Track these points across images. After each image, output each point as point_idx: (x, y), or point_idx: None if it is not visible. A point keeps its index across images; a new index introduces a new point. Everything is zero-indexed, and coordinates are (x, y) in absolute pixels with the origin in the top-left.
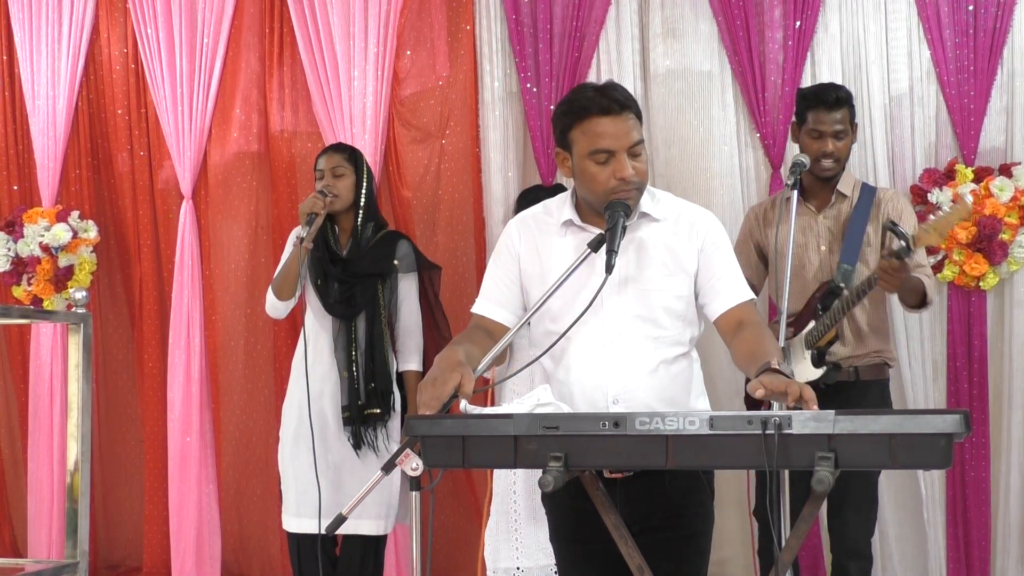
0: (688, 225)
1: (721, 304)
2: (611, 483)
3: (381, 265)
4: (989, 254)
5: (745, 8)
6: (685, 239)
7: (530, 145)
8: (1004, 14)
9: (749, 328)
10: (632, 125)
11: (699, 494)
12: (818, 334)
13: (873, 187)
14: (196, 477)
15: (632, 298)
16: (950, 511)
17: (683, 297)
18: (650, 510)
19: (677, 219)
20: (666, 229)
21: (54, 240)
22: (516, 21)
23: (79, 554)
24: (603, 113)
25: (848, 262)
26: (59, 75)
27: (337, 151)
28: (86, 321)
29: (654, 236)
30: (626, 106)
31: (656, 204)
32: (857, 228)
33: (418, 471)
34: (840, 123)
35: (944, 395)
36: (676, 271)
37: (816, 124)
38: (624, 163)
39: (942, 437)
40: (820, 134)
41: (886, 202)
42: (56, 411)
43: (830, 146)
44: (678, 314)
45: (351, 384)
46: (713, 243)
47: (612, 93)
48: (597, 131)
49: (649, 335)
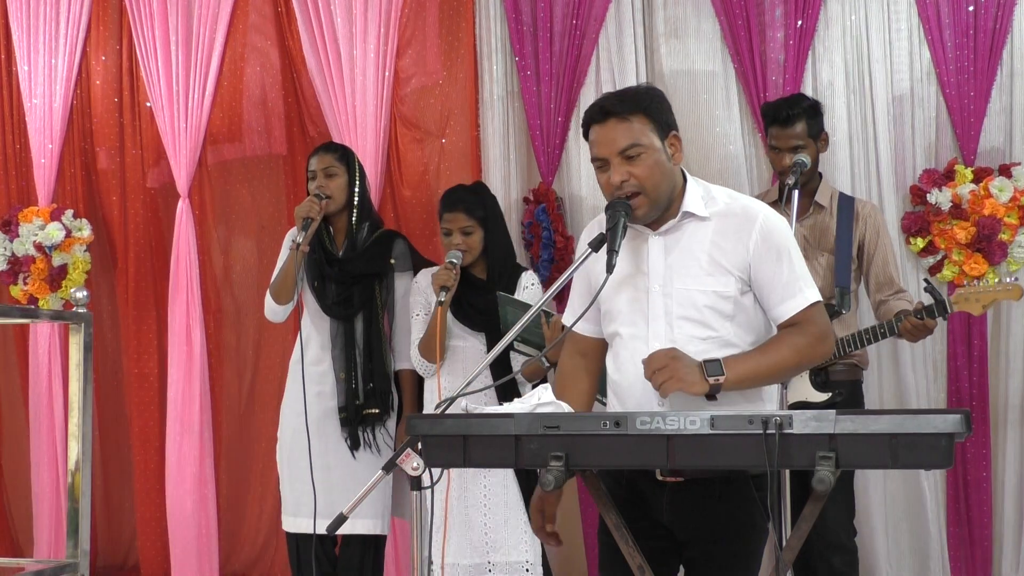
0: (740, 222)
1: (780, 313)
2: (661, 486)
3: (377, 265)
4: (988, 254)
5: (747, 8)
6: (734, 238)
7: (530, 144)
8: (1004, 15)
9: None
10: (621, 130)
11: (751, 508)
12: None
13: (851, 197)
14: (194, 477)
15: (675, 299)
16: (951, 511)
17: (729, 298)
18: (698, 520)
19: (727, 216)
20: (713, 227)
21: (47, 239)
22: (516, 20)
23: (80, 554)
24: (593, 122)
25: (842, 283)
26: (56, 74)
27: (328, 151)
28: (87, 321)
29: (699, 234)
30: (611, 112)
31: (705, 202)
32: (844, 245)
33: (419, 471)
34: (798, 138)
35: (945, 395)
36: (718, 271)
37: (774, 140)
38: (614, 169)
39: (943, 437)
40: (778, 150)
41: (865, 217)
42: (56, 411)
43: (787, 160)
44: (727, 315)
45: (348, 385)
46: (768, 247)
47: (602, 101)
48: (591, 140)
49: (696, 336)
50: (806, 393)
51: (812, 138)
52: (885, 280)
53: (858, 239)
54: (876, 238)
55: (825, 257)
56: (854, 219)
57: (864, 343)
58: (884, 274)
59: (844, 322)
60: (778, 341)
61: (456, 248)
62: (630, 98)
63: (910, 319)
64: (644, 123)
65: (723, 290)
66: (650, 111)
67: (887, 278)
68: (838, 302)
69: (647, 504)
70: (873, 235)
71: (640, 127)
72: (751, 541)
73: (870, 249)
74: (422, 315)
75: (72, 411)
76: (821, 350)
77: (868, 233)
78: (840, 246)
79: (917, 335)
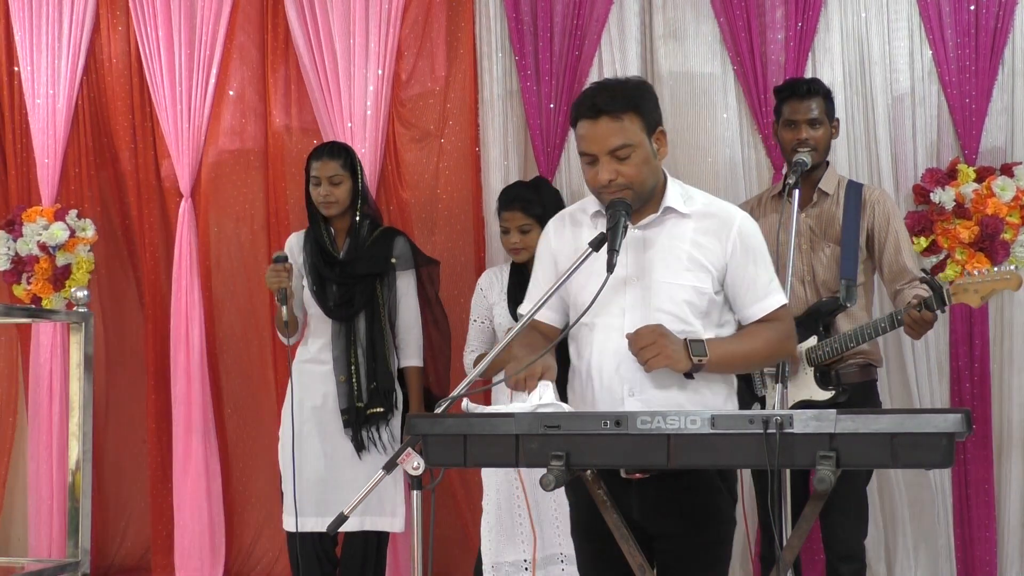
0: (719, 223)
1: (752, 312)
2: (627, 484)
3: (378, 264)
4: (991, 253)
5: (747, 9)
6: (714, 237)
7: (530, 144)
8: (1005, 14)
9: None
10: (613, 129)
11: (717, 498)
12: (824, 355)
13: (859, 184)
14: (199, 476)
15: (654, 291)
16: (955, 511)
17: (705, 294)
18: (666, 514)
19: (706, 216)
20: (693, 225)
21: (51, 239)
22: (516, 20)
23: (80, 553)
24: (585, 117)
25: (847, 275)
26: (59, 73)
27: (332, 157)
28: (87, 320)
29: (678, 230)
30: (604, 111)
31: (685, 200)
32: (851, 236)
33: (419, 470)
34: (815, 111)
35: (948, 394)
36: (697, 267)
37: (790, 114)
38: (602, 167)
39: (943, 436)
40: (794, 123)
41: (873, 204)
42: (56, 410)
43: (804, 133)
44: (701, 311)
45: (349, 388)
46: (744, 249)
47: (595, 97)
48: (580, 134)
49: (672, 329)
50: (810, 391)
51: (827, 116)
52: (898, 269)
53: (866, 228)
54: (886, 225)
55: (831, 248)
56: (862, 207)
57: (866, 338)
58: (897, 263)
59: (851, 316)
60: (752, 332)
61: (513, 247)
62: (622, 95)
63: (911, 312)
64: (634, 121)
65: (701, 286)
66: (641, 109)
67: (900, 267)
68: (843, 295)
69: (616, 503)
70: (883, 222)
71: (630, 126)
72: (720, 531)
73: (880, 237)
74: (478, 322)
75: (73, 410)
76: (787, 347)
77: (877, 220)
78: (847, 236)
79: (918, 329)
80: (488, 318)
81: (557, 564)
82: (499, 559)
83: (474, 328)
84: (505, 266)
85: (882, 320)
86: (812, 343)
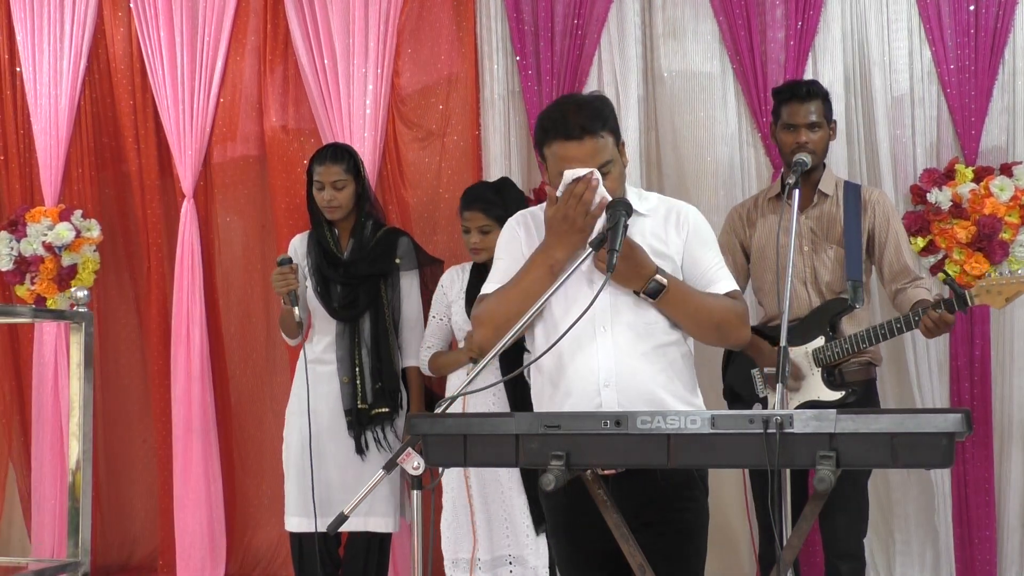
0: (675, 216)
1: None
2: (603, 480)
3: (382, 265)
4: (990, 253)
5: (747, 8)
6: (673, 230)
7: (531, 144)
8: (1005, 14)
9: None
10: (597, 147)
11: (692, 490)
12: (834, 355)
13: (857, 185)
14: (200, 475)
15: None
16: (955, 511)
17: None
18: (642, 507)
19: (661, 212)
20: (651, 221)
21: (57, 239)
22: (517, 19)
23: (81, 553)
24: (568, 138)
25: (854, 276)
26: (61, 74)
27: (335, 162)
28: (87, 320)
29: (637, 228)
30: (588, 130)
31: (642, 200)
32: (854, 237)
33: (419, 470)
34: (814, 115)
35: (948, 394)
36: (660, 256)
37: (789, 117)
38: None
39: (943, 436)
40: (793, 127)
41: (873, 205)
42: (60, 410)
43: (803, 137)
44: None
45: (352, 389)
46: (698, 236)
47: (575, 117)
48: (560, 155)
49: (640, 320)
50: (818, 392)
51: (826, 119)
52: (900, 268)
53: (867, 229)
54: (886, 225)
55: (834, 250)
56: (862, 208)
57: (879, 339)
58: (898, 262)
59: (856, 318)
60: (714, 295)
61: (473, 247)
62: (598, 115)
63: (930, 314)
64: (608, 138)
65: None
66: (611, 126)
67: (901, 266)
68: (851, 296)
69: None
70: (883, 222)
71: (608, 142)
72: (696, 520)
73: (880, 237)
74: (436, 318)
75: (73, 410)
76: (741, 329)
77: (877, 221)
78: (849, 238)
79: (936, 331)
80: (447, 315)
81: (505, 566)
82: (457, 556)
83: (432, 324)
84: (468, 265)
85: (897, 321)
86: (819, 343)
